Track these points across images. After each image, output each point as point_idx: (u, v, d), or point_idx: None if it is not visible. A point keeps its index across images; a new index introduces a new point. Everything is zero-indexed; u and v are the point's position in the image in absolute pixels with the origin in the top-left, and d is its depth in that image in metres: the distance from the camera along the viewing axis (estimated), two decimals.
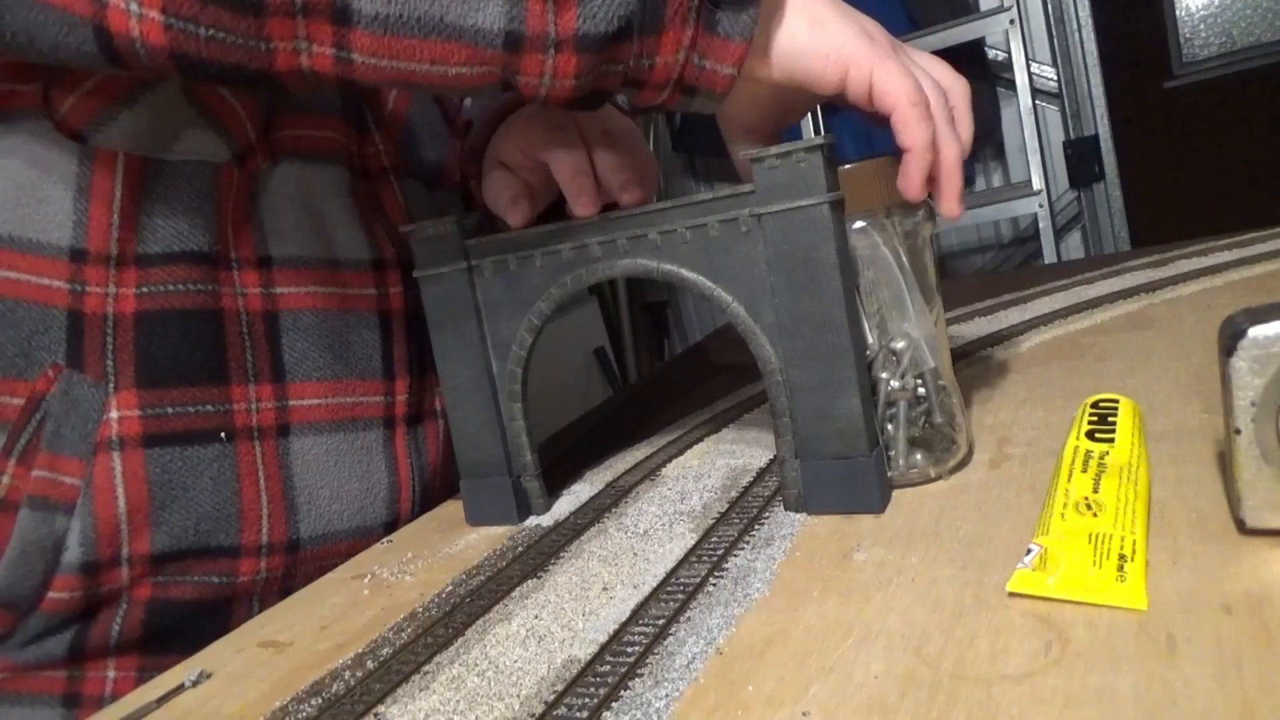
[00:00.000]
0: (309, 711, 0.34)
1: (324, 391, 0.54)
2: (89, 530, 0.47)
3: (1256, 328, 0.29)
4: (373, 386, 0.56)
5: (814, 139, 0.40)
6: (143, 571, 0.49)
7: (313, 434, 0.53)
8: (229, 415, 0.50)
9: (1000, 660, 0.28)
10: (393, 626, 0.40)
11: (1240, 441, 0.30)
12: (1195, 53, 2.80)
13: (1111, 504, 0.34)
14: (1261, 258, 0.76)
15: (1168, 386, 0.49)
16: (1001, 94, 2.20)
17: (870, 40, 0.41)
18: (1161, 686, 0.25)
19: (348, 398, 0.55)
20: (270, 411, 0.52)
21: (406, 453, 0.58)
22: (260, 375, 0.51)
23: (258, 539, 0.51)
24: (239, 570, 0.51)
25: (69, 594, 0.47)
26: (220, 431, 0.50)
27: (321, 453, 0.54)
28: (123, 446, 0.47)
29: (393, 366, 0.58)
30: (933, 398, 0.45)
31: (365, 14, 0.37)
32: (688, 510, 0.47)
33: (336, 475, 0.54)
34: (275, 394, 0.52)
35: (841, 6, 0.43)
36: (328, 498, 0.54)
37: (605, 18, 0.38)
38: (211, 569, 0.50)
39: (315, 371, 0.53)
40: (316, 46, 0.38)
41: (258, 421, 0.51)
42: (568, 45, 0.38)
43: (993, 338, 0.70)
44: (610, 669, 0.32)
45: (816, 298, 0.41)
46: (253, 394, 0.51)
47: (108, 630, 0.49)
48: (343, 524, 0.55)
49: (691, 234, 0.44)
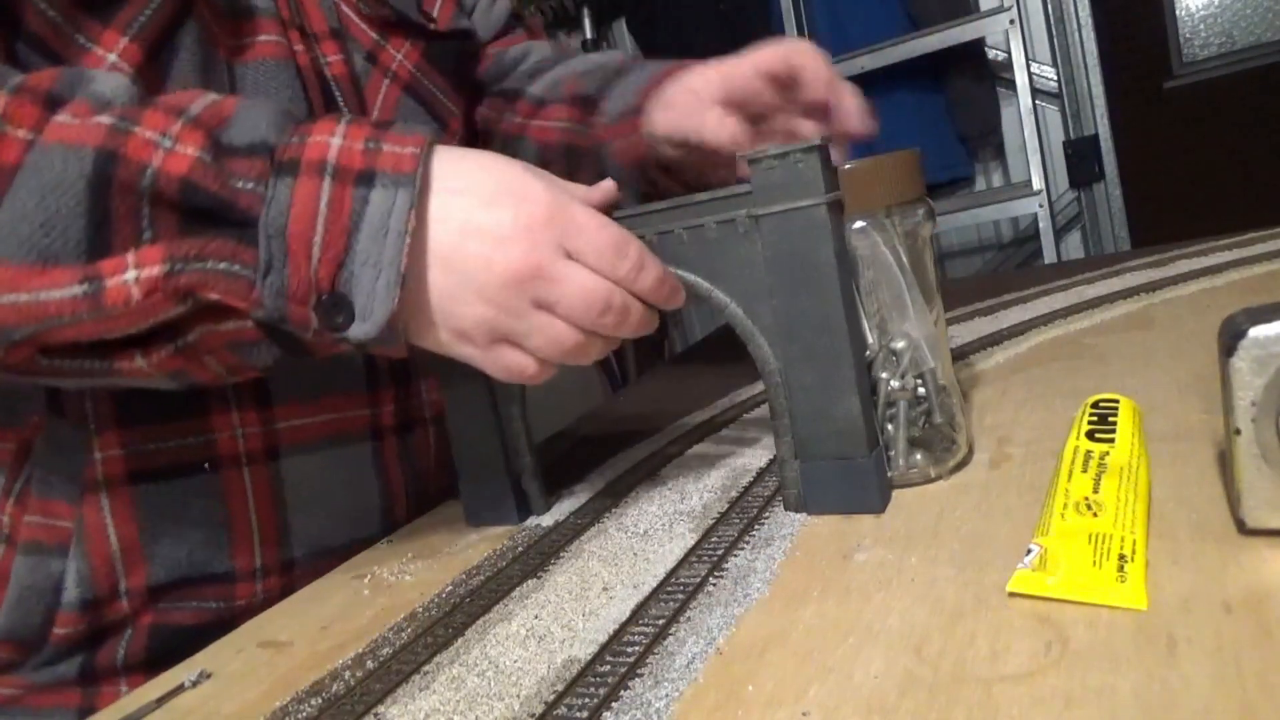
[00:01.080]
0: (309, 711, 0.34)
1: (310, 410, 0.54)
2: (84, 570, 0.47)
3: (1256, 328, 0.29)
4: (358, 400, 0.56)
5: (812, 139, 0.40)
6: (142, 602, 0.49)
7: (302, 453, 0.53)
8: (213, 445, 0.50)
9: (1000, 660, 0.28)
10: (393, 626, 0.40)
11: (1240, 441, 0.30)
12: (1195, 53, 2.80)
13: (1111, 504, 0.34)
14: (1261, 258, 0.76)
15: (1168, 386, 0.49)
16: (1001, 94, 2.20)
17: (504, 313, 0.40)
18: (1161, 686, 0.25)
19: (334, 414, 0.55)
20: (258, 436, 0.51)
21: (398, 462, 0.58)
22: (244, 402, 0.51)
23: (251, 563, 0.51)
24: (235, 594, 0.51)
25: (73, 629, 0.48)
26: (204, 462, 0.49)
27: (312, 471, 0.54)
28: (109, 486, 0.47)
29: (377, 378, 0.57)
30: (933, 398, 0.45)
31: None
32: (688, 510, 0.47)
33: (328, 492, 0.54)
34: (262, 419, 0.51)
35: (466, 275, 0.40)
36: (320, 515, 0.54)
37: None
38: (208, 595, 0.50)
39: (300, 392, 0.53)
40: None
41: (245, 448, 0.51)
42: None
43: (993, 338, 0.70)
44: (610, 669, 0.32)
45: (815, 298, 0.41)
46: (237, 421, 0.51)
47: (114, 654, 0.49)
48: (337, 539, 0.55)
49: (689, 235, 0.44)
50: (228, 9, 0.50)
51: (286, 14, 0.53)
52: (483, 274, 0.39)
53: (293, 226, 0.37)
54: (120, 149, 0.36)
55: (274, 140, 0.38)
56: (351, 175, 0.38)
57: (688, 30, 2.44)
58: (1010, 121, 2.19)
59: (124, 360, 0.39)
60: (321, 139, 0.38)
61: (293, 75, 0.52)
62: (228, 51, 0.50)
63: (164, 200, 0.36)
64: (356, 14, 0.59)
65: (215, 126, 0.38)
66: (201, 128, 0.37)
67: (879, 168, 0.43)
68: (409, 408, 0.59)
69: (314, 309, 0.37)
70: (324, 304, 0.37)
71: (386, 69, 0.60)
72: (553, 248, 0.40)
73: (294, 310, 0.37)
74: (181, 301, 0.36)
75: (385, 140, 0.39)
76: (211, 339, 0.39)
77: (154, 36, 0.46)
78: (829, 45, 2.30)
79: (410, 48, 0.62)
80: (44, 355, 0.39)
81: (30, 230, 0.35)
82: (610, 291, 0.40)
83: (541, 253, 0.39)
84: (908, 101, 2.15)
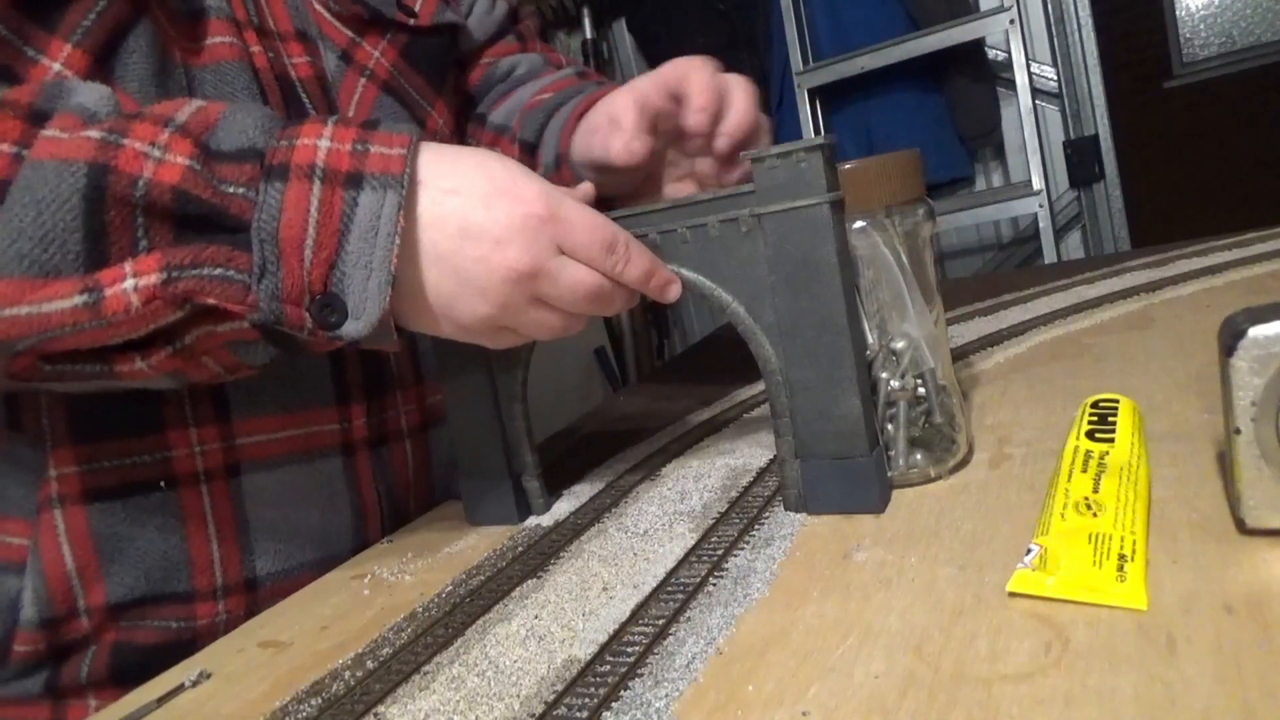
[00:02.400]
0: (309, 711, 0.34)
1: (274, 426, 0.52)
2: (41, 589, 0.47)
3: (1256, 328, 0.29)
4: (327, 415, 0.54)
5: (814, 139, 0.40)
6: (103, 620, 0.48)
7: (265, 470, 0.52)
8: (169, 463, 0.49)
9: (1000, 660, 0.28)
10: (393, 626, 0.40)
11: (1240, 441, 0.30)
12: (1195, 53, 2.81)
13: (1111, 504, 0.34)
14: (1261, 258, 0.76)
15: (1168, 386, 0.49)
16: (1001, 94, 2.20)
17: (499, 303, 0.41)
18: (1161, 686, 0.25)
19: (300, 429, 0.53)
20: (217, 453, 0.50)
21: (371, 477, 0.57)
22: (202, 419, 0.49)
23: (211, 582, 0.50)
24: (196, 614, 0.50)
25: (33, 646, 0.47)
26: (160, 480, 0.48)
27: (276, 488, 0.52)
28: (64, 504, 0.47)
29: (347, 392, 0.55)
30: (933, 398, 0.45)
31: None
32: (688, 510, 0.47)
33: (294, 509, 0.53)
34: (221, 435, 0.50)
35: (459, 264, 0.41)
36: (286, 532, 0.52)
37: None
38: (169, 615, 0.49)
39: (263, 407, 0.52)
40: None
41: (204, 465, 0.50)
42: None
43: (993, 338, 0.70)
44: (610, 669, 0.32)
45: (817, 298, 0.41)
46: (194, 438, 0.49)
47: (77, 672, 0.48)
48: (305, 556, 0.53)
49: (692, 234, 0.44)
50: (183, 9, 0.49)
51: (242, 14, 0.52)
52: (483, 275, 0.40)
53: (284, 231, 0.37)
54: (112, 161, 0.36)
55: (262, 144, 0.38)
56: (340, 178, 0.38)
57: (688, 30, 2.44)
58: (1010, 121, 2.19)
59: (124, 364, 0.39)
60: (309, 142, 0.39)
61: (250, 78, 0.51)
62: (183, 54, 0.49)
63: (157, 210, 0.36)
64: (328, 12, 0.58)
65: (202, 133, 0.38)
66: (189, 135, 0.38)
67: (879, 168, 0.43)
68: (383, 421, 0.58)
69: (308, 309, 0.38)
70: (318, 304, 0.38)
71: (363, 68, 0.59)
72: (548, 245, 0.41)
73: (289, 311, 0.38)
74: (180, 307, 0.37)
75: (373, 142, 0.39)
76: (209, 340, 0.39)
77: (102, 40, 0.45)
78: (829, 45, 2.31)
79: (388, 45, 0.61)
80: (46, 362, 0.39)
81: (30, 246, 0.35)
82: (600, 283, 0.43)
83: (538, 251, 0.40)
84: (908, 101, 2.15)
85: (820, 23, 2.22)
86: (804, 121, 2.19)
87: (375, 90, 0.60)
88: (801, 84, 2.17)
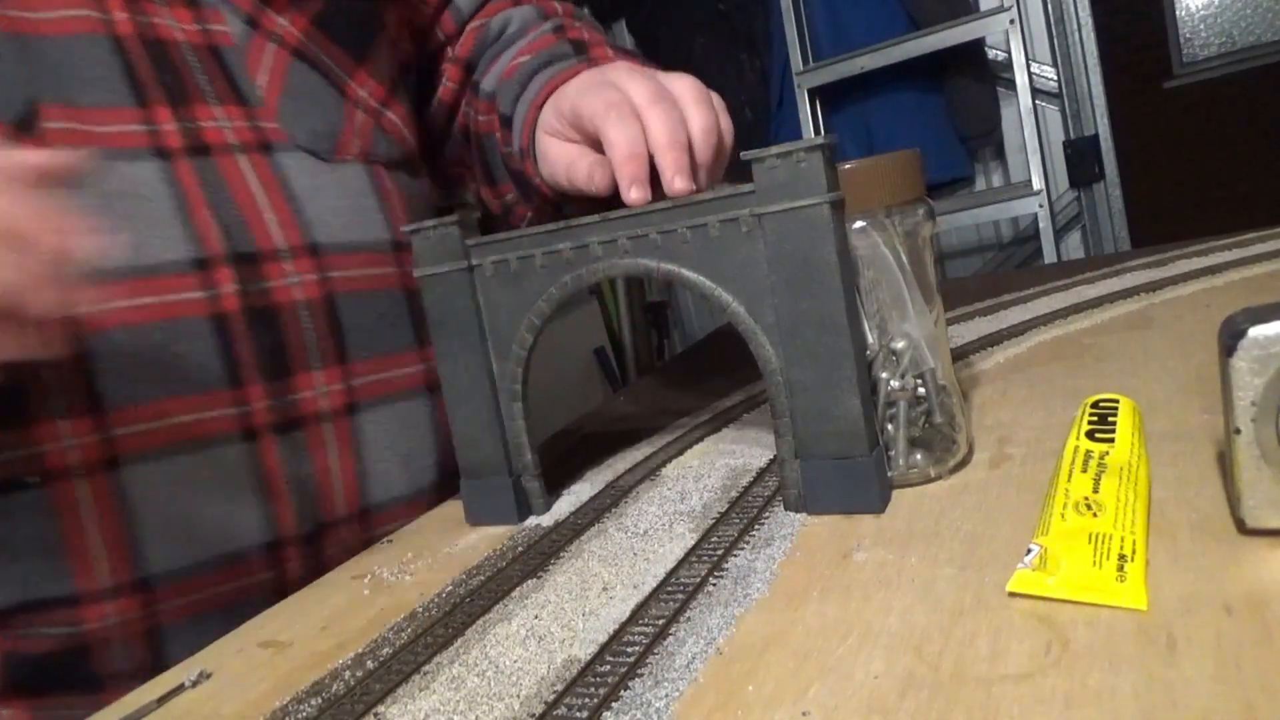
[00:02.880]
0: (309, 711, 0.34)
1: (154, 414, 0.48)
2: None
3: (1256, 328, 0.29)
4: (217, 398, 0.50)
5: (815, 139, 0.40)
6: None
7: (148, 462, 0.48)
8: (39, 459, 0.46)
9: (1000, 660, 0.28)
10: (393, 626, 0.40)
11: (1240, 441, 0.30)
12: (1195, 53, 2.81)
13: (1111, 504, 0.34)
14: (1261, 258, 0.76)
15: (1168, 386, 0.49)
16: (1001, 94, 2.20)
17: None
18: (1161, 686, 0.25)
19: (187, 415, 0.49)
20: (92, 446, 0.47)
21: (281, 465, 0.52)
22: (74, 410, 0.46)
23: (96, 584, 0.47)
24: (83, 618, 0.47)
25: None
26: (30, 477, 0.46)
27: (161, 481, 0.48)
28: None
29: (239, 373, 0.50)
30: (933, 398, 0.45)
31: None
32: (688, 510, 0.47)
33: (187, 502, 0.49)
34: (95, 426, 0.47)
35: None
36: (181, 528, 0.49)
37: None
38: (54, 620, 0.47)
39: (141, 394, 0.48)
40: None
41: (79, 459, 0.46)
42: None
43: (993, 338, 0.70)
44: (610, 669, 0.32)
45: (817, 298, 0.41)
46: (65, 430, 0.46)
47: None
48: (206, 554, 0.50)
49: (692, 234, 0.44)
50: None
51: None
52: None
53: None
54: None
55: None
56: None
57: (688, 30, 2.44)
58: (1010, 121, 2.19)
59: None
60: None
61: (109, 50, 0.48)
62: (13, 25, 0.46)
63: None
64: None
65: None
66: None
67: (879, 168, 0.43)
68: (290, 404, 0.53)
69: None
70: None
71: (271, 33, 0.56)
72: None
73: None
74: None
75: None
76: None
77: None
78: (829, 45, 2.31)
79: (296, 12, 0.58)
80: None
81: None
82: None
83: None
84: (908, 101, 2.15)
85: (820, 23, 2.22)
86: (804, 121, 2.19)
87: (287, 57, 0.57)
88: (801, 84, 2.17)
